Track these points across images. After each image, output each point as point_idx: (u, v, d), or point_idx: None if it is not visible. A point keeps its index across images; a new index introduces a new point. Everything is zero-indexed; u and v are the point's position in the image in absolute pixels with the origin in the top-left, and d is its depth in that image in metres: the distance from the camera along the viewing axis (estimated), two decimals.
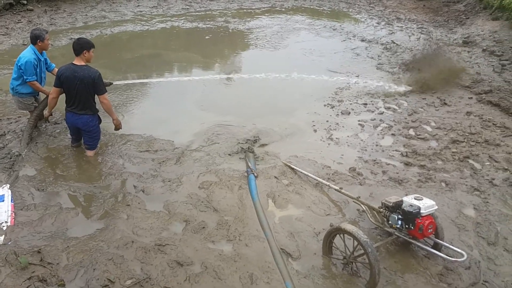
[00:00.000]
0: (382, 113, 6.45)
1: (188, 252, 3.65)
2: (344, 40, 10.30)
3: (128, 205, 4.25)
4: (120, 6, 12.82)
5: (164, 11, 12.62)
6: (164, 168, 4.91)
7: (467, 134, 5.76)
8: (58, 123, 5.77)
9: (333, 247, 3.59)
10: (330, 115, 6.39)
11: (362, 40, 10.23)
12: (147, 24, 11.33)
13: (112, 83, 5.72)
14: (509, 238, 3.92)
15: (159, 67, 8.57)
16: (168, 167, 4.94)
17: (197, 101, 6.87)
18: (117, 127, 5.16)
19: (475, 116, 6.30)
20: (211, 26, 11.35)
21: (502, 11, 10.23)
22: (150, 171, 4.83)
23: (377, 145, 5.55)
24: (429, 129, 5.96)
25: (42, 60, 5.39)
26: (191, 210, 4.20)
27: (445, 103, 6.72)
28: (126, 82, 7.39)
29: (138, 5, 12.93)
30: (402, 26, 11.48)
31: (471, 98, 6.90)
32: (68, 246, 3.62)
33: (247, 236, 3.87)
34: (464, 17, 11.67)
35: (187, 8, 12.96)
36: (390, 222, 3.61)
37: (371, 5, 13.81)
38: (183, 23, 11.52)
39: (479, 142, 5.56)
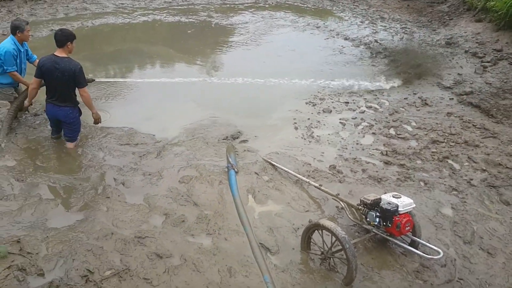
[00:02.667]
0: (363, 112, 6.52)
1: (168, 244, 3.64)
2: (327, 38, 10.33)
3: (108, 197, 4.22)
4: None
5: (146, 4, 12.46)
6: (144, 161, 4.87)
7: (447, 135, 5.85)
8: (38, 114, 5.68)
9: (311, 243, 3.62)
10: (312, 113, 6.41)
11: (346, 39, 10.27)
12: (129, 17, 11.17)
13: (94, 80, 5.73)
14: (485, 237, 4.01)
15: (141, 62, 8.46)
16: (148, 160, 4.90)
17: (178, 98, 6.83)
18: (96, 121, 5.12)
19: (455, 117, 6.40)
20: (194, 20, 11.27)
21: (485, 13, 10.26)
22: (130, 164, 4.79)
23: (357, 144, 5.60)
24: (409, 128, 6.04)
25: (23, 51, 5.29)
26: (171, 203, 4.18)
27: (426, 103, 6.82)
28: (109, 80, 7.25)
29: None
30: (385, 26, 11.58)
31: (452, 99, 7.01)
32: (47, 237, 3.59)
33: (227, 231, 3.88)
34: (448, 18, 11.81)
35: (170, 2, 12.82)
36: (368, 219, 3.65)
37: (355, 4, 13.89)
38: (165, 17, 11.40)
39: (459, 143, 5.65)
